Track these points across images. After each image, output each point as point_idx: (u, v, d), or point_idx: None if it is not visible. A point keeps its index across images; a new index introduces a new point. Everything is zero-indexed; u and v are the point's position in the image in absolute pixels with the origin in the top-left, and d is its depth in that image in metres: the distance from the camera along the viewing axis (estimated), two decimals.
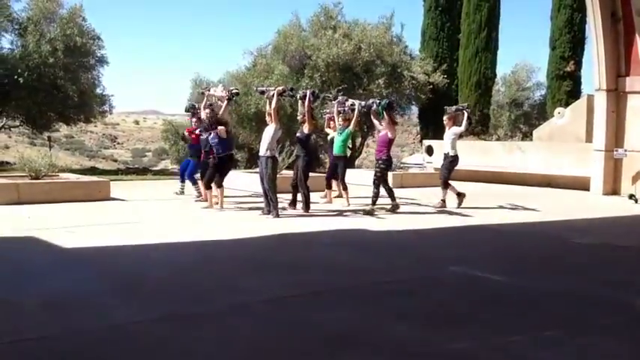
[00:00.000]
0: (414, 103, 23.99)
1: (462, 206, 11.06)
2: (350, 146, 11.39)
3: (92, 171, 20.43)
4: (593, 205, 12.67)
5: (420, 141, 23.18)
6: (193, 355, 3.67)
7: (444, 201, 11.18)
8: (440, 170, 11.85)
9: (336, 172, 11.45)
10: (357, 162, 24.25)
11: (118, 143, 58.01)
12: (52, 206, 9.96)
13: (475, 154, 18.46)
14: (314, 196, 10.75)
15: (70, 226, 8.15)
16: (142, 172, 22.70)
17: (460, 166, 17.74)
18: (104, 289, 5.14)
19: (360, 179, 16.09)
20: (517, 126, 30.71)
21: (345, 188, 11.26)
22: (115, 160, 41.43)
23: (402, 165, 18.51)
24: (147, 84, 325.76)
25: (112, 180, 12.95)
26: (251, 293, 5.09)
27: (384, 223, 9.37)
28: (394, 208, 10.27)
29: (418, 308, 4.79)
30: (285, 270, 5.99)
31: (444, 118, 11.54)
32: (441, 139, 19.95)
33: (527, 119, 30.01)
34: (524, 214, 10.84)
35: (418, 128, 27.57)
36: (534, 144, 18.40)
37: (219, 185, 10.08)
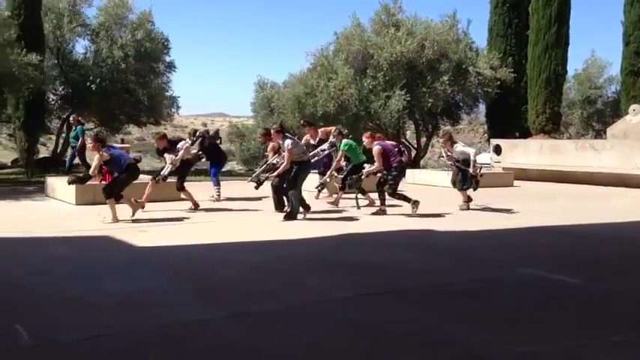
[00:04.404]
0: (480, 101, 23.52)
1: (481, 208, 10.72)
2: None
3: None
4: None
5: (488, 140, 22.71)
6: (259, 353, 3.73)
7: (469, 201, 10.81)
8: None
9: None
10: (421, 162, 24.00)
11: None
12: (125, 206, 10.28)
13: (544, 152, 17.94)
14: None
15: (141, 226, 8.43)
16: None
17: (529, 165, 17.47)
18: (175, 288, 5.29)
19: (427, 179, 15.99)
20: (590, 124, 29.64)
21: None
22: None
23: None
24: (214, 87, 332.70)
25: None
26: (315, 293, 5.14)
27: (444, 223, 9.25)
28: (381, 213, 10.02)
29: (482, 310, 4.70)
30: (346, 270, 6.00)
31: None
32: (510, 137, 19.45)
33: (600, 117, 28.90)
34: (597, 214, 10.45)
35: (485, 127, 27.04)
36: (608, 142, 17.64)
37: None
